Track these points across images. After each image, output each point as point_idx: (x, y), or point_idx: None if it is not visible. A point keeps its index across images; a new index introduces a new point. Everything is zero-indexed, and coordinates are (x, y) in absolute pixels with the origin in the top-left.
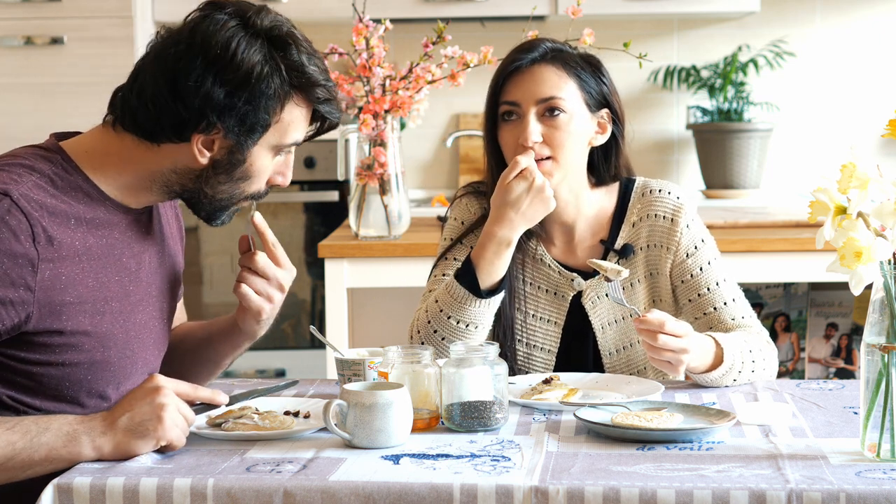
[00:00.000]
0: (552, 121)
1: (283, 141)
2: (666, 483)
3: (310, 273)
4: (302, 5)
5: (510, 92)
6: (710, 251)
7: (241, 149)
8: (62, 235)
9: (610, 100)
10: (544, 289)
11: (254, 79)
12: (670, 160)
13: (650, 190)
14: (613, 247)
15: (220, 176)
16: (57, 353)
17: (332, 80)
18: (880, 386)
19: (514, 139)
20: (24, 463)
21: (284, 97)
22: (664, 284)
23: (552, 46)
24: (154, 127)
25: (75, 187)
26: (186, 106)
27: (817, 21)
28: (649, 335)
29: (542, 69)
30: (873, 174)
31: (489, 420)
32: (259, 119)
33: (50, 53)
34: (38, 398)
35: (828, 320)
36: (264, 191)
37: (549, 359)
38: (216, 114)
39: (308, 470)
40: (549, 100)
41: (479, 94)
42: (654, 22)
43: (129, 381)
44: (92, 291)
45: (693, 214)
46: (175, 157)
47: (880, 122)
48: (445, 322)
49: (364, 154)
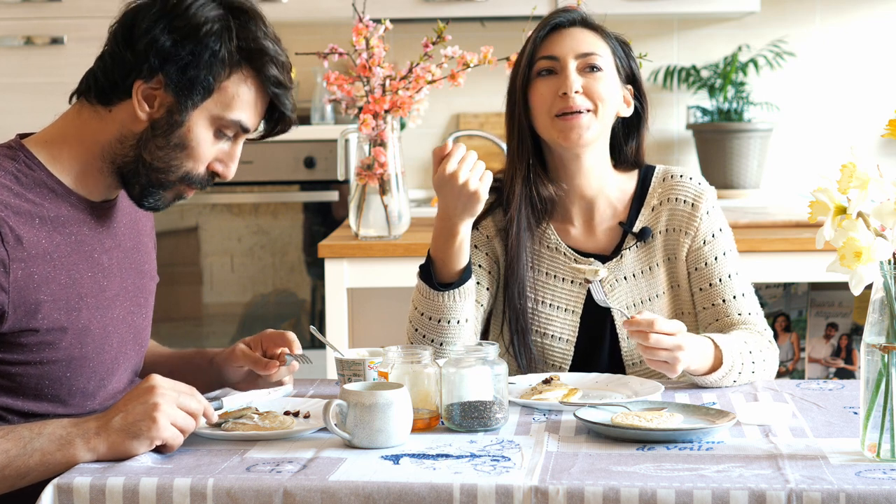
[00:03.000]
0: (591, 75)
1: (225, 114)
2: (666, 483)
3: (310, 273)
4: (302, 5)
5: (549, 47)
6: (726, 242)
7: (180, 109)
8: (29, 234)
9: (637, 76)
10: (560, 277)
11: (202, 33)
12: (670, 160)
13: (672, 175)
14: (632, 230)
15: (158, 139)
16: (34, 351)
17: (289, 70)
18: (880, 386)
19: (551, 92)
20: (20, 470)
21: (232, 64)
22: (681, 270)
23: (587, 15)
24: (105, 79)
25: (39, 183)
26: (134, 50)
27: (817, 21)
28: (641, 336)
29: (581, 30)
30: (873, 174)
31: (489, 420)
32: (200, 77)
33: (50, 53)
34: (20, 399)
35: (828, 320)
36: (203, 176)
37: (566, 349)
38: (159, 59)
39: (308, 470)
40: (589, 55)
41: (479, 94)
42: (654, 22)
43: (112, 377)
44: (65, 288)
45: (714, 202)
46: (122, 121)
47: (880, 122)
48: (421, 320)
49: (364, 154)
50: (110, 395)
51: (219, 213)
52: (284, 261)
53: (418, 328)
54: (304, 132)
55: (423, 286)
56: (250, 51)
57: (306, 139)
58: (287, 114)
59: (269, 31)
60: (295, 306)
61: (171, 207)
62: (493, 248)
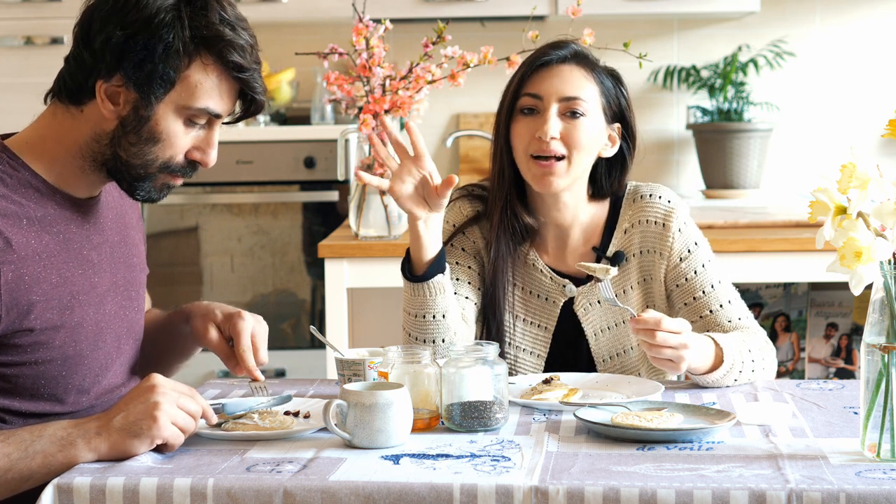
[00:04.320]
0: (572, 121)
1: (191, 103)
2: (666, 483)
3: (310, 273)
4: (302, 5)
5: (534, 85)
6: (704, 254)
7: (145, 104)
8: (17, 236)
9: (626, 114)
10: (535, 293)
11: (153, 24)
12: (670, 160)
13: (640, 195)
14: (605, 254)
15: (129, 136)
16: (29, 352)
17: (255, 50)
18: (880, 386)
19: (529, 133)
20: (23, 473)
21: (189, 53)
22: (658, 290)
23: (580, 49)
24: (72, 81)
25: (24, 183)
26: (92, 50)
27: (817, 21)
28: (647, 334)
29: (570, 68)
30: (873, 174)
31: (489, 420)
32: (158, 70)
33: (50, 53)
34: (17, 399)
35: (828, 320)
36: (184, 164)
37: (537, 363)
38: (114, 57)
39: (308, 470)
40: (572, 99)
41: (479, 94)
42: (654, 22)
43: (107, 372)
44: (57, 288)
45: (685, 217)
46: (94, 120)
47: (880, 122)
48: (408, 319)
49: (364, 154)
50: (106, 390)
51: (219, 213)
52: (284, 261)
53: (407, 329)
54: (304, 132)
55: (404, 281)
56: (206, 38)
57: (306, 139)
58: (256, 96)
59: (228, 14)
60: (295, 306)
61: (171, 207)
62: (480, 254)
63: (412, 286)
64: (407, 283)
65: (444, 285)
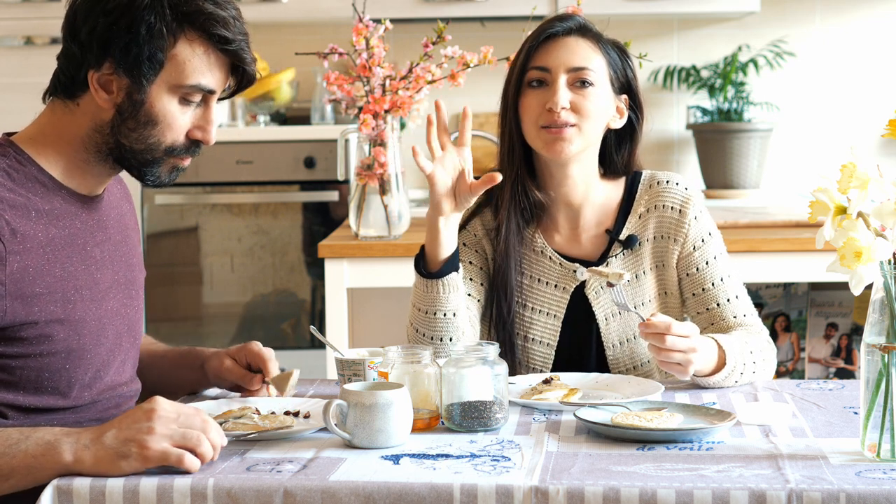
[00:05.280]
0: (581, 91)
1: (182, 81)
2: (666, 483)
3: (310, 273)
4: (302, 5)
5: (541, 58)
6: (717, 245)
7: (137, 88)
8: (25, 228)
9: (633, 85)
10: (545, 281)
11: (134, 7)
12: (670, 160)
13: (658, 181)
14: (618, 237)
15: (127, 122)
16: (33, 344)
17: (240, 22)
18: (880, 386)
19: (539, 104)
20: (1, 470)
21: (173, 32)
22: (671, 276)
23: (585, 22)
24: (65, 76)
25: (31, 178)
26: (79, 42)
27: (817, 21)
28: (656, 338)
29: (576, 40)
30: (873, 174)
31: (489, 420)
32: (145, 52)
33: (50, 53)
34: (21, 393)
35: (828, 320)
36: (187, 144)
37: (547, 353)
38: (101, 45)
39: (308, 470)
40: (580, 69)
41: (479, 95)
42: (654, 22)
43: (108, 369)
44: (60, 281)
45: (701, 206)
46: (92, 111)
47: (880, 122)
48: (417, 315)
49: (364, 154)
50: (108, 386)
51: (219, 213)
52: (284, 261)
53: (415, 324)
54: (304, 132)
55: (416, 277)
56: (187, 14)
57: (306, 139)
58: (247, 67)
59: None
60: (295, 306)
61: (171, 207)
62: (482, 246)
63: (425, 283)
64: (420, 279)
65: (458, 284)
